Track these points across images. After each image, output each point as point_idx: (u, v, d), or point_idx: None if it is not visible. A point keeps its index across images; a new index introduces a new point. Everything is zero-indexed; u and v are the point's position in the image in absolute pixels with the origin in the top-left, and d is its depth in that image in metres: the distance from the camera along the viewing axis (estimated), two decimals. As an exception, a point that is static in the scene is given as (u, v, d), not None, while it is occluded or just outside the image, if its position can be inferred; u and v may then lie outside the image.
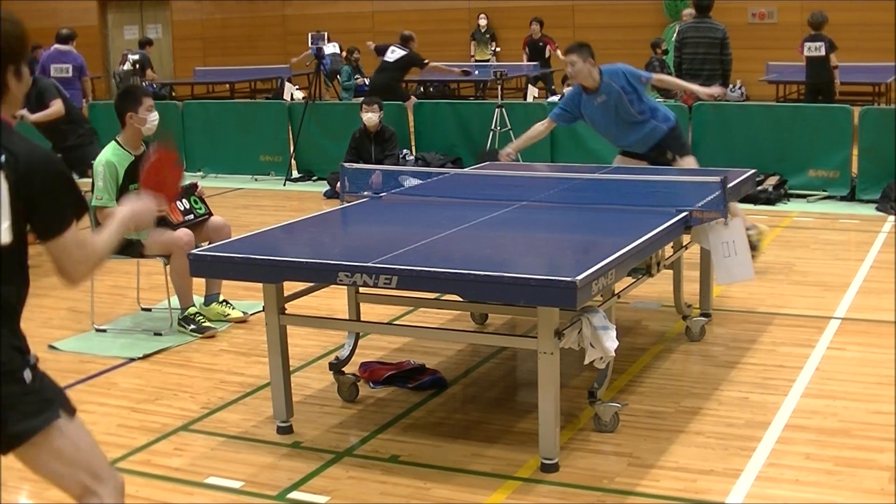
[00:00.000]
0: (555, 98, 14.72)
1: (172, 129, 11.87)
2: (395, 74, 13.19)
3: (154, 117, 6.23)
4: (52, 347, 6.10)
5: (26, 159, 2.63)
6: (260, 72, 20.65)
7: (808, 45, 12.69)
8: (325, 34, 13.18)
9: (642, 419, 4.78)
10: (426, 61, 13.45)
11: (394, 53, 13.28)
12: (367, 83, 18.08)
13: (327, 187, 10.94)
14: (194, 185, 6.58)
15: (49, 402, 2.75)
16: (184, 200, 6.39)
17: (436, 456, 4.46)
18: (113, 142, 6.27)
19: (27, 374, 2.71)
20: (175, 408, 5.14)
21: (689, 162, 7.10)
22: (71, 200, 2.73)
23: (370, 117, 10.19)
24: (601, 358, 4.42)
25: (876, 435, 4.53)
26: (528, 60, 17.93)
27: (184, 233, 6.17)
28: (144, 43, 17.39)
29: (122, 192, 6.06)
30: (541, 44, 17.92)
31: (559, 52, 14.70)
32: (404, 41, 13.68)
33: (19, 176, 2.61)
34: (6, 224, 2.61)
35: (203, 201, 6.59)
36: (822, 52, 12.51)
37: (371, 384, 5.28)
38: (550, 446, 4.23)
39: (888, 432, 4.53)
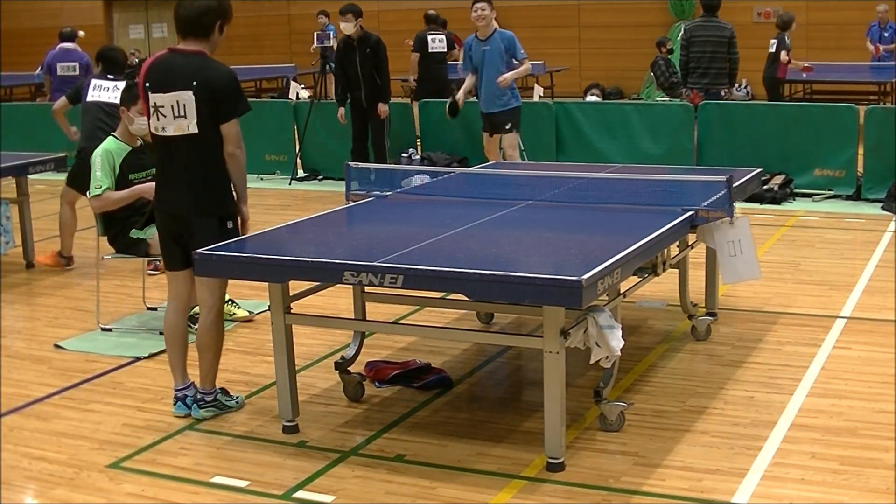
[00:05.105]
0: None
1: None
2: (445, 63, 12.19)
3: (143, 121, 6.15)
4: (57, 346, 6.11)
5: (211, 81, 4.64)
6: (265, 71, 20.64)
7: (771, 41, 13.26)
8: (332, 33, 13.11)
9: (648, 418, 4.77)
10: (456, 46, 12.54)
11: (440, 42, 12.48)
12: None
13: (335, 187, 10.91)
14: None
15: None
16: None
17: (441, 455, 4.46)
18: (111, 136, 6.37)
19: (230, 224, 4.91)
20: (181, 407, 5.14)
21: (511, 139, 9.32)
22: (239, 102, 4.82)
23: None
24: (607, 357, 4.42)
25: (882, 434, 4.52)
26: None
27: (190, 232, 6.19)
28: None
29: (122, 182, 6.23)
30: None
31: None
32: (442, 24, 12.45)
33: (207, 92, 4.63)
34: (193, 121, 4.65)
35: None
36: (774, 49, 13.02)
37: (376, 383, 5.28)
38: (556, 445, 4.23)
39: (894, 431, 4.52)
